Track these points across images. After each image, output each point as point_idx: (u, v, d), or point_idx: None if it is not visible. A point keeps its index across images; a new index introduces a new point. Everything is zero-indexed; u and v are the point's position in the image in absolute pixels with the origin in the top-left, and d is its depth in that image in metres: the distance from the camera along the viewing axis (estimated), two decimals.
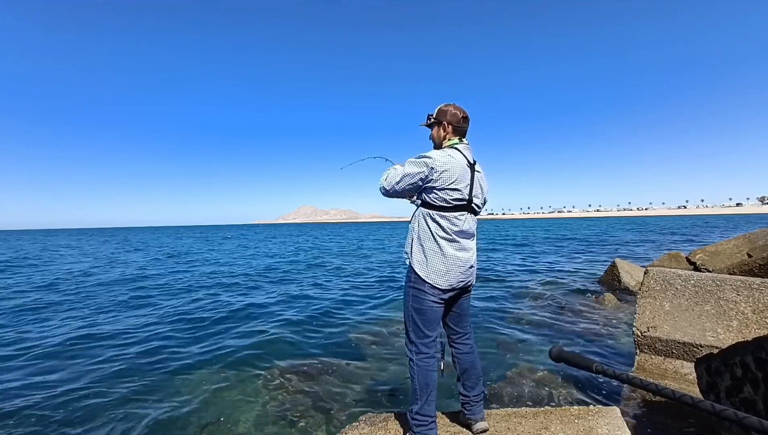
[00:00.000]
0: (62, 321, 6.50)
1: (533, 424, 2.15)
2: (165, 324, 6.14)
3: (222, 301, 7.88)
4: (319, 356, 4.47)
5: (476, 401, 2.14)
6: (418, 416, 1.98)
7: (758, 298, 2.97)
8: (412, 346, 2.03)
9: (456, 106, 2.11)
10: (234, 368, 4.14)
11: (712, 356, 2.11)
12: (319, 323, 5.96)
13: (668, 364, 3.01)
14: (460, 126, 2.09)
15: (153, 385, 3.81)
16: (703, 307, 3.09)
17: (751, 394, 1.79)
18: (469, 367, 2.17)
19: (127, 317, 6.68)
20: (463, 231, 1.99)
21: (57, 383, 3.86)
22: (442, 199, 1.96)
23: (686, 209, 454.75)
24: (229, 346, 4.89)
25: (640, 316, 3.22)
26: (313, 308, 7.04)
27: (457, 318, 2.16)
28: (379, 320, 6.08)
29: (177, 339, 5.32)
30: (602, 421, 2.12)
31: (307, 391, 3.54)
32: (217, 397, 3.49)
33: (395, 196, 2.09)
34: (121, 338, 5.37)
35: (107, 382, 3.87)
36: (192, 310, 7.09)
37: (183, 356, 4.61)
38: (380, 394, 3.47)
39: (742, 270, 5.78)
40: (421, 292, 1.97)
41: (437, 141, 2.16)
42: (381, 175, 2.11)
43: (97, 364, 4.39)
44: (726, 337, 2.82)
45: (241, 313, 6.84)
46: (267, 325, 5.88)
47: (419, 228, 2.03)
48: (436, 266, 1.96)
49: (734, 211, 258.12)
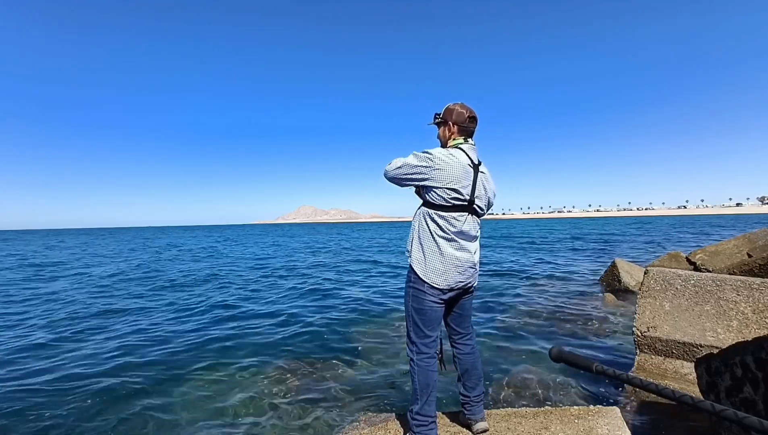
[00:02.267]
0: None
1: (533, 424, 2.16)
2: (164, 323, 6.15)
3: (223, 301, 7.89)
4: (319, 356, 4.47)
5: (476, 401, 2.14)
6: (418, 416, 1.98)
7: (758, 298, 2.97)
8: (412, 346, 2.03)
9: (463, 105, 2.10)
10: (233, 368, 4.14)
11: (712, 356, 2.11)
12: (319, 322, 5.96)
13: (668, 364, 3.01)
14: (466, 126, 2.08)
15: (148, 384, 3.80)
16: (703, 307, 3.10)
17: (751, 394, 1.80)
18: (470, 368, 2.17)
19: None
20: (462, 232, 1.99)
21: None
22: (441, 199, 1.96)
23: (686, 209, 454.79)
24: (229, 346, 4.89)
25: (640, 316, 3.22)
26: (313, 308, 7.05)
27: (459, 318, 2.17)
28: (380, 320, 6.08)
29: (176, 338, 5.33)
30: (602, 421, 2.13)
31: (307, 391, 3.54)
32: (215, 397, 3.48)
33: (392, 181, 2.10)
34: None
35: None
36: (193, 309, 7.11)
37: (182, 356, 4.61)
38: (380, 394, 3.47)
39: (742, 270, 5.78)
40: (421, 292, 1.98)
41: (443, 140, 2.16)
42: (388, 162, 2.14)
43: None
44: (726, 337, 2.82)
45: (241, 312, 6.85)
46: (267, 325, 5.89)
47: (420, 227, 2.03)
48: (434, 265, 1.96)
49: (734, 211, 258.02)
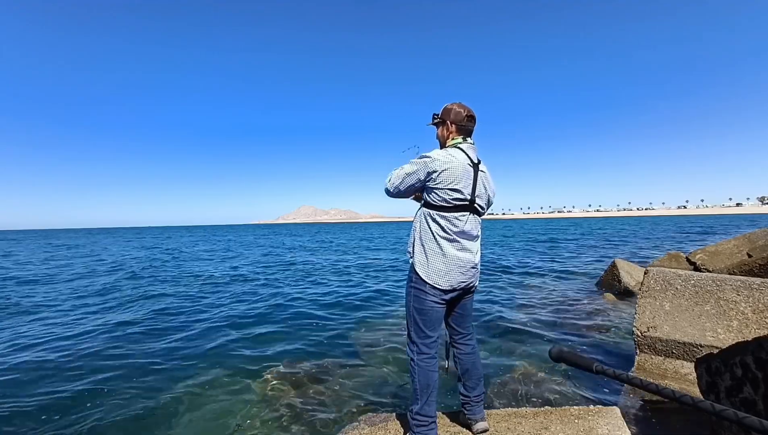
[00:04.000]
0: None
1: (533, 424, 2.16)
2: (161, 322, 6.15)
3: (223, 301, 7.89)
4: (319, 356, 4.47)
5: (477, 401, 2.14)
6: (418, 416, 1.98)
7: (758, 298, 2.97)
8: (413, 346, 2.03)
9: (461, 104, 2.10)
10: (232, 368, 4.13)
11: (712, 356, 2.11)
12: (319, 322, 5.97)
13: (668, 364, 3.02)
14: (464, 125, 2.08)
15: (146, 383, 3.80)
16: (703, 307, 3.10)
17: (751, 394, 1.80)
18: (470, 368, 2.17)
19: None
20: (464, 232, 1.99)
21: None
22: (442, 199, 1.95)
23: (686, 209, 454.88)
24: (228, 346, 4.89)
25: (640, 316, 3.23)
26: (312, 307, 7.05)
27: (460, 318, 2.17)
28: (380, 320, 6.08)
29: (174, 337, 5.33)
30: (602, 421, 2.13)
31: (307, 391, 3.54)
32: (215, 397, 3.48)
33: (399, 196, 2.10)
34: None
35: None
36: (194, 308, 7.11)
37: (181, 354, 4.61)
38: (380, 394, 3.47)
39: (742, 270, 5.79)
40: (422, 292, 1.98)
41: (442, 140, 2.16)
42: (386, 177, 2.13)
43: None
44: (726, 337, 2.83)
45: (240, 312, 6.84)
46: (266, 325, 5.89)
47: (421, 228, 2.03)
48: (436, 266, 1.96)
49: (734, 211, 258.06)
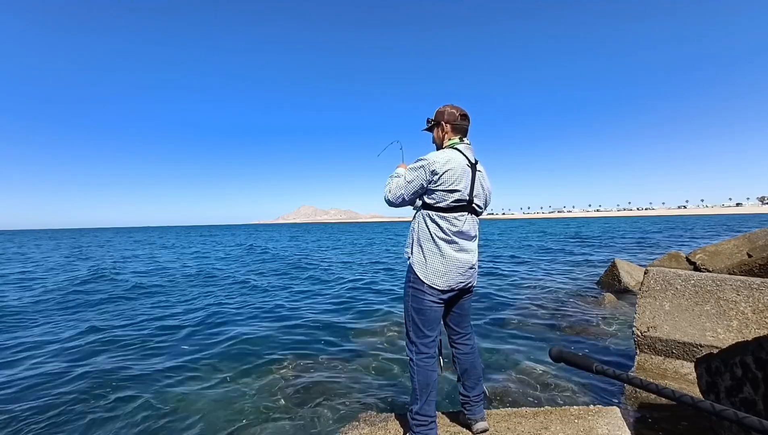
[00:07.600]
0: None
1: (533, 424, 2.16)
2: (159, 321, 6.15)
3: (225, 300, 7.89)
4: (319, 356, 4.47)
5: (476, 401, 2.14)
6: (418, 416, 1.98)
7: (758, 298, 2.97)
8: (412, 345, 2.03)
9: (453, 105, 2.12)
10: (232, 368, 4.14)
11: (712, 356, 2.11)
12: (319, 322, 5.96)
13: (668, 364, 3.01)
14: (459, 124, 2.09)
15: (145, 384, 3.79)
16: (703, 307, 3.09)
17: (751, 394, 1.79)
18: (470, 368, 2.17)
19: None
20: (462, 232, 1.99)
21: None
22: (441, 200, 1.96)
23: (686, 209, 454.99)
24: (228, 346, 4.88)
25: (640, 316, 3.22)
26: (312, 307, 7.05)
27: (458, 318, 2.17)
28: (379, 319, 6.07)
29: (173, 337, 5.32)
30: (602, 421, 2.12)
31: (307, 391, 3.54)
32: (214, 397, 3.48)
33: (404, 205, 2.09)
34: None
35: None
36: (195, 308, 7.11)
37: (180, 354, 4.61)
38: (380, 394, 3.47)
39: (742, 270, 5.79)
40: (421, 292, 1.97)
41: (438, 142, 2.17)
42: (384, 186, 2.11)
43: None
44: (726, 337, 2.82)
45: (240, 311, 6.84)
46: (266, 325, 5.89)
47: (419, 229, 2.03)
48: (435, 267, 1.96)
49: (734, 211, 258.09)
